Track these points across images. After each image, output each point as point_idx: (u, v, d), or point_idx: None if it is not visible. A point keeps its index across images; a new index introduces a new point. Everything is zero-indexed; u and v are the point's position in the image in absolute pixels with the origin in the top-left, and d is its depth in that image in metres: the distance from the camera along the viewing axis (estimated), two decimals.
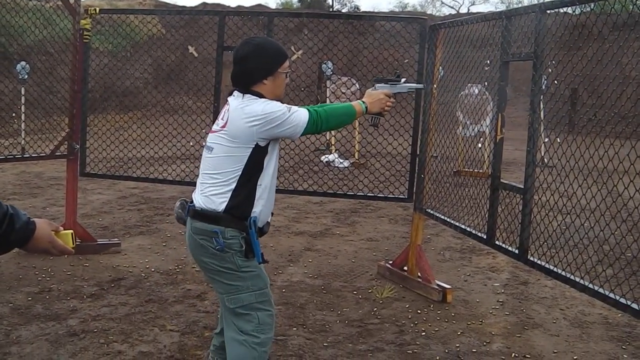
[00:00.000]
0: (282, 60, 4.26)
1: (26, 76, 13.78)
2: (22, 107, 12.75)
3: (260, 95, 4.16)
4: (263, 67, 4.18)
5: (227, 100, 4.25)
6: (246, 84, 4.19)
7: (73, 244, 2.84)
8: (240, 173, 4.06)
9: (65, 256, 4.59)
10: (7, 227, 2.49)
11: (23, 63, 14.08)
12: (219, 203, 4.06)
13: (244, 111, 4.05)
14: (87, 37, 7.96)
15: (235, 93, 4.21)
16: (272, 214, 4.43)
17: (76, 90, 8.02)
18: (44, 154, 8.23)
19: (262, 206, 4.18)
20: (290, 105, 4.18)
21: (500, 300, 6.83)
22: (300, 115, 4.14)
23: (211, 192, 4.11)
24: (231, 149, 4.06)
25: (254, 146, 4.05)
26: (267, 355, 4.25)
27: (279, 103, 4.17)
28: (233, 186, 4.07)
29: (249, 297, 4.15)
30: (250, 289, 4.15)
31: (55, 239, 2.73)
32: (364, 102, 4.57)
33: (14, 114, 13.31)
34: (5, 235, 2.50)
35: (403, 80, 4.89)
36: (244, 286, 4.14)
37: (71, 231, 2.88)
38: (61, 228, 2.81)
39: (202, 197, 4.15)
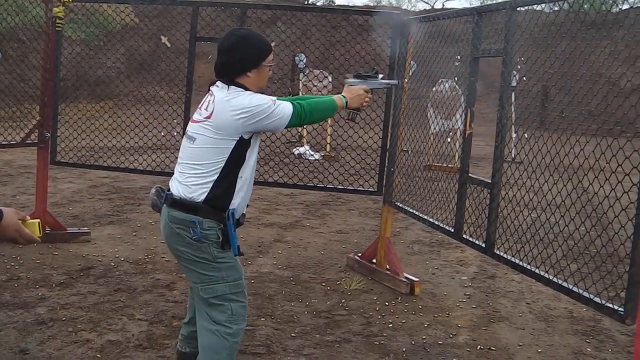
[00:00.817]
0: (267, 54, 4.28)
1: None
2: None
3: (245, 88, 4.17)
4: (248, 59, 4.19)
5: (209, 90, 4.26)
6: (230, 76, 4.19)
7: (40, 233, 2.84)
8: (222, 165, 4.08)
9: (35, 245, 4.59)
10: None
11: None
12: (199, 193, 4.07)
13: (230, 104, 4.05)
14: (59, 25, 7.93)
15: (219, 84, 4.20)
16: (248, 205, 4.44)
17: (48, 79, 7.99)
18: (15, 142, 8.18)
19: (240, 198, 4.20)
20: (274, 98, 4.21)
21: (468, 293, 6.90)
22: (284, 108, 4.16)
23: (192, 182, 4.11)
24: (215, 141, 4.06)
25: (238, 139, 4.07)
26: (238, 345, 4.29)
27: (264, 96, 4.18)
28: (214, 177, 4.08)
29: (224, 288, 4.16)
30: (225, 280, 4.16)
31: (23, 228, 2.73)
32: (344, 96, 4.60)
33: None
34: None
35: (380, 76, 4.94)
36: (218, 277, 4.15)
37: (38, 220, 2.89)
38: (28, 217, 2.81)
39: (181, 186, 4.14)
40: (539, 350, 5.57)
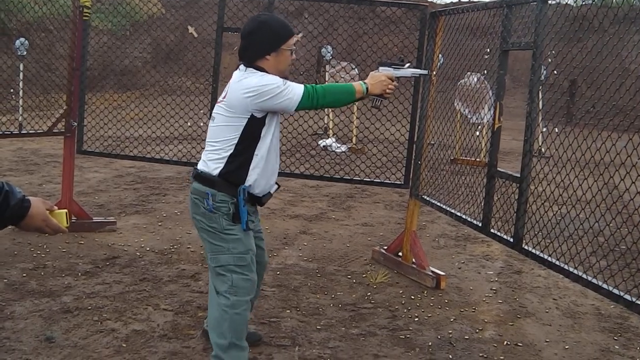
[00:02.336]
0: (286, 37, 4.46)
1: (25, 52, 13.73)
2: (20, 84, 12.70)
3: (263, 70, 4.39)
4: (267, 42, 4.40)
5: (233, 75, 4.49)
6: (250, 59, 4.42)
7: (67, 223, 2.84)
8: (236, 141, 4.35)
9: (61, 234, 4.63)
10: (1, 204, 2.49)
11: (22, 39, 14.03)
12: (214, 168, 4.39)
13: (242, 84, 4.31)
14: (86, 14, 7.94)
15: (241, 67, 4.45)
16: (279, 185, 4.73)
17: (74, 68, 8.01)
18: (42, 131, 8.22)
19: (257, 175, 4.44)
20: (286, 80, 4.38)
21: (494, 288, 6.85)
22: (295, 89, 4.33)
23: (209, 157, 4.44)
24: (228, 119, 4.35)
25: (249, 117, 4.32)
26: (241, 317, 4.45)
27: (275, 77, 4.36)
28: (228, 153, 4.37)
29: (228, 259, 4.40)
30: (230, 252, 4.40)
31: (50, 217, 2.73)
32: (365, 82, 4.64)
33: (12, 90, 13.28)
34: (0, 212, 2.49)
35: (407, 65, 4.97)
36: (224, 247, 4.40)
37: (65, 210, 2.89)
38: (55, 207, 2.81)
39: (202, 161, 4.48)
40: (566, 347, 5.52)
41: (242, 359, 4.49)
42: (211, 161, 4.43)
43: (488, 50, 6.34)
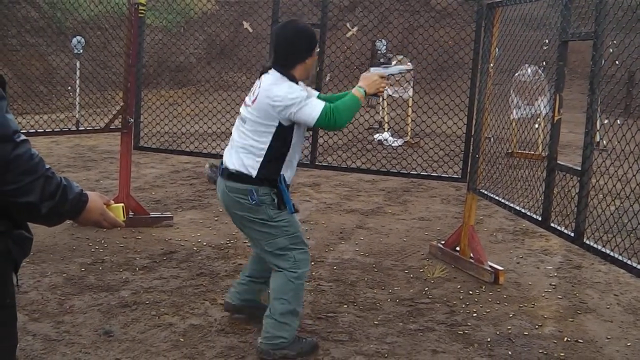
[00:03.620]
0: (314, 46, 4.90)
1: (81, 50, 13.88)
2: (77, 81, 12.84)
3: (291, 76, 4.77)
4: (299, 50, 4.79)
5: (260, 76, 4.88)
6: (288, 65, 4.78)
7: (124, 217, 2.87)
8: (268, 144, 4.73)
9: (118, 229, 4.69)
10: (60, 198, 2.50)
11: (79, 37, 14.18)
12: (251, 167, 4.74)
13: (271, 91, 4.68)
14: (142, 11, 7.99)
15: (271, 71, 4.80)
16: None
17: (131, 65, 8.07)
18: (99, 128, 8.30)
19: (288, 169, 4.88)
20: (311, 96, 4.84)
21: (553, 283, 6.75)
22: (315, 107, 4.67)
23: (243, 158, 4.77)
24: (260, 125, 4.73)
25: (277, 124, 4.71)
26: (303, 287, 4.99)
27: (300, 90, 4.73)
28: (263, 154, 4.73)
29: (284, 241, 4.85)
30: (283, 234, 4.84)
31: (107, 211, 2.75)
32: (361, 87, 4.97)
33: (69, 88, 13.43)
34: (58, 206, 2.51)
35: (394, 62, 5.42)
36: (277, 233, 4.83)
37: (122, 205, 2.92)
38: (112, 201, 2.83)
39: (236, 161, 4.80)
40: (628, 344, 5.41)
41: (295, 324, 4.95)
42: (246, 161, 4.76)
43: (547, 41, 6.23)
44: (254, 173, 4.73)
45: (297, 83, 4.80)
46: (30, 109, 7.91)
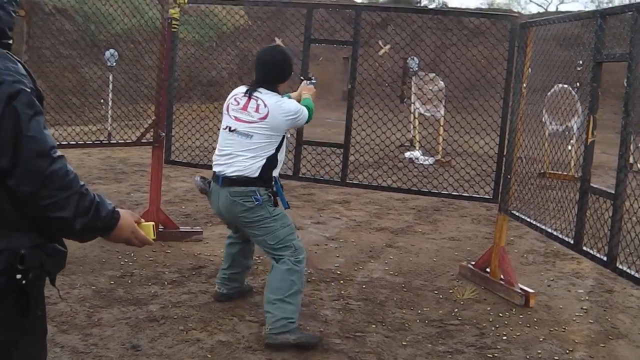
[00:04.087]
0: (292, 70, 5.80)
1: (114, 63, 13.97)
2: (110, 94, 12.91)
3: (278, 92, 5.66)
4: (287, 71, 5.71)
5: (248, 93, 5.61)
6: (274, 83, 5.64)
7: (154, 235, 2.88)
8: (272, 152, 5.52)
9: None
10: (93, 215, 2.53)
11: (112, 50, 14.27)
12: (254, 171, 5.45)
13: (282, 108, 5.52)
14: (175, 26, 8.02)
15: (263, 90, 5.58)
16: None
17: (163, 79, 8.10)
18: (130, 141, 8.33)
19: (279, 169, 5.71)
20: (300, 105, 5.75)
21: (584, 307, 6.67)
22: (306, 113, 5.71)
23: (248, 165, 5.46)
24: (272, 136, 5.50)
25: (284, 134, 5.61)
26: (303, 269, 5.62)
27: (297, 103, 5.73)
28: (264, 161, 5.48)
29: (283, 233, 5.54)
30: (282, 227, 5.55)
31: (138, 229, 2.77)
32: (308, 96, 6.15)
33: (102, 100, 13.51)
34: (91, 223, 2.54)
35: (313, 79, 6.44)
36: (277, 226, 5.53)
37: (153, 223, 2.93)
38: (142, 219, 2.84)
39: (237, 169, 5.48)
40: None
41: (298, 303, 5.53)
42: (248, 166, 5.45)
43: (580, 62, 6.18)
44: (256, 174, 5.45)
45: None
46: (62, 121, 7.93)
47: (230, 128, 5.61)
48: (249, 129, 5.48)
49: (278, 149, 5.57)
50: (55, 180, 2.40)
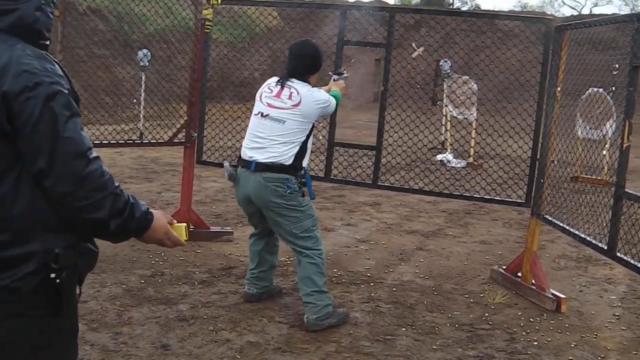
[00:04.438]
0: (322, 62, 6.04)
1: (147, 63, 14.01)
2: (142, 94, 12.95)
3: (309, 83, 5.90)
4: (318, 63, 5.95)
5: (281, 83, 5.86)
6: (306, 74, 5.89)
7: (186, 236, 2.91)
8: (303, 139, 5.73)
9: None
10: (128, 216, 2.54)
11: (145, 50, 14.31)
12: (287, 159, 5.65)
13: (314, 96, 5.79)
14: (208, 27, 8.04)
15: (295, 80, 5.83)
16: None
17: (195, 79, 8.12)
18: (163, 141, 8.36)
19: (308, 158, 5.90)
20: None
21: (617, 314, 6.60)
22: (334, 104, 6.02)
23: (277, 151, 5.66)
24: (303, 124, 5.72)
25: (314, 121, 5.87)
26: (325, 261, 5.92)
27: (326, 93, 6.02)
28: (297, 148, 5.69)
29: (309, 222, 5.79)
30: (308, 217, 5.79)
31: (171, 230, 2.79)
32: (337, 90, 6.35)
33: (134, 100, 13.56)
34: (126, 224, 2.55)
35: (344, 73, 6.68)
36: (304, 216, 5.75)
37: (185, 224, 2.94)
38: (175, 220, 2.85)
39: (273, 154, 5.66)
40: None
41: (327, 289, 5.92)
42: (284, 155, 5.65)
43: (617, 66, 6.12)
44: (289, 161, 5.65)
45: None
46: (95, 120, 7.99)
47: (262, 114, 5.82)
48: (282, 114, 5.71)
49: (308, 137, 5.78)
50: (91, 182, 2.42)
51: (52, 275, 2.45)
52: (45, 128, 2.35)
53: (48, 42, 2.57)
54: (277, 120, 5.71)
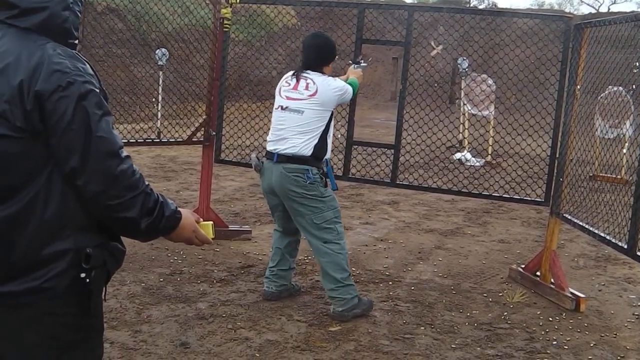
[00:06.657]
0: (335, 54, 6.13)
1: (165, 62, 14.07)
2: (160, 93, 13.01)
3: (324, 74, 5.99)
4: (331, 54, 6.04)
5: (296, 74, 5.99)
6: (317, 65, 5.97)
7: (213, 234, 2.92)
8: (323, 129, 5.84)
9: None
10: (158, 214, 2.57)
11: (163, 49, 14.38)
12: (308, 150, 5.79)
13: (331, 85, 5.89)
14: (227, 26, 8.04)
15: (310, 72, 5.94)
16: None
17: (214, 78, 8.13)
18: (181, 139, 8.38)
19: (329, 150, 6.00)
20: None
21: (636, 313, 6.57)
22: (350, 91, 6.08)
23: (301, 142, 5.79)
24: (321, 112, 5.84)
25: (332, 110, 5.97)
26: (347, 254, 5.99)
27: (342, 81, 6.15)
28: (317, 139, 5.81)
29: (330, 214, 5.87)
30: (330, 208, 5.88)
31: (199, 228, 2.81)
32: (356, 78, 6.45)
33: (153, 99, 13.62)
34: (156, 222, 2.58)
35: (363, 62, 6.76)
36: (325, 207, 5.85)
37: (212, 222, 2.96)
38: (201, 219, 2.86)
39: (291, 146, 5.80)
40: None
41: (352, 281, 6.01)
42: (304, 146, 5.78)
43: (637, 64, 6.09)
44: (310, 152, 5.78)
45: None
46: (114, 119, 8.03)
47: (282, 107, 5.97)
48: (300, 105, 5.85)
49: (327, 127, 5.89)
50: (123, 180, 2.44)
51: (82, 275, 2.47)
52: (78, 127, 2.37)
53: (77, 42, 2.58)
54: (296, 111, 5.86)
